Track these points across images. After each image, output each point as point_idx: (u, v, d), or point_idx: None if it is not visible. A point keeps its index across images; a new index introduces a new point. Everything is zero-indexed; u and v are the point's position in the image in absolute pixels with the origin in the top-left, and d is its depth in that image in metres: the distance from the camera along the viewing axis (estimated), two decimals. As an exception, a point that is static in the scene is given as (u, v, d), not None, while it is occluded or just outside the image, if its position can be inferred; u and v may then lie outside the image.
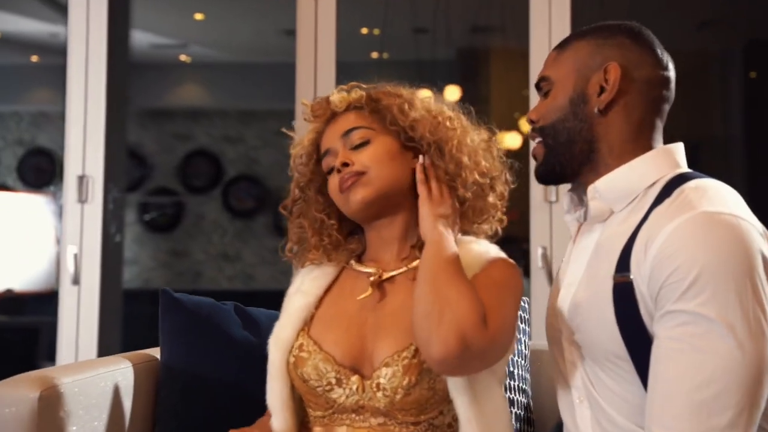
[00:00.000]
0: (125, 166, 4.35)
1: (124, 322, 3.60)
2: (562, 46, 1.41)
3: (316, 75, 3.13)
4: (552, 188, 2.92)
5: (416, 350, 1.34)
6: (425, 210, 1.41)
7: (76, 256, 3.04)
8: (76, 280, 3.02)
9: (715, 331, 1.11)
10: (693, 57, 1.32)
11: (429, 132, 1.46)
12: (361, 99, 1.49)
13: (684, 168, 1.32)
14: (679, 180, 1.27)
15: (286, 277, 1.75)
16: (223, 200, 6.71)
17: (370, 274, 1.47)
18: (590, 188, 1.32)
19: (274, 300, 1.60)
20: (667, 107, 1.37)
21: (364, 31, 5.09)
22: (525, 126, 4.44)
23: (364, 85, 1.53)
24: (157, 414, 1.71)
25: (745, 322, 1.11)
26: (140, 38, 5.58)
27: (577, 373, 1.34)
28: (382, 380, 1.36)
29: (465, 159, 1.46)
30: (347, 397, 1.38)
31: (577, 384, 1.34)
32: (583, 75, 1.35)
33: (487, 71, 5.14)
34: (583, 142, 1.34)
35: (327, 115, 1.53)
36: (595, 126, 1.33)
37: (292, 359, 1.43)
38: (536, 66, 3.05)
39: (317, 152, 1.53)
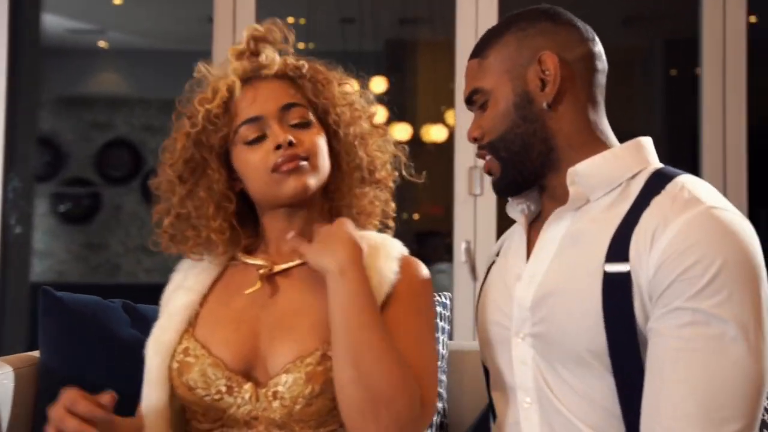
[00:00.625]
0: (33, 154, 4.15)
1: (32, 318, 3.44)
2: (481, 52, 1.32)
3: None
4: (476, 180, 2.89)
5: (322, 356, 1.22)
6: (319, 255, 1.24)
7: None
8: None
9: (729, 334, 1.06)
10: (616, 53, 1.31)
11: (356, 130, 1.36)
12: (301, 69, 1.33)
13: (658, 162, 1.27)
14: (663, 174, 1.22)
15: None
16: (142, 191, 6.51)
17: (259, 267, 1.32)
18: (570, 171, 1.23)
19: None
20: (603, 80, 1.31)
21: (290, 20, 5.00)
22: (450, 118, 4.42)
23: (289, 44, 1.38)
24: (34, 422, 1.57)
25: (758, 327, 1.08)
26: (55, 22, 5.37)
27: (528, 372, 1.25)
28: (280, 388, 1.22)
29: (369, 154, 1.38)
30: (239, 407, 1.23)
31: (527, 385, 1.25)
32: (518, 74, 1.27)
33: (414, 63, 5.11)
34: (539, 143, 1.26)
35: (248, 71, 1.34)
36: (547, 123, 1.26)
37: (175, 365, 1.27)
38: (462, 58, 3.01)
39: (229, 113, 1.33)
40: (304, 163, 1.28)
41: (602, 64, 1.30)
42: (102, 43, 6.15)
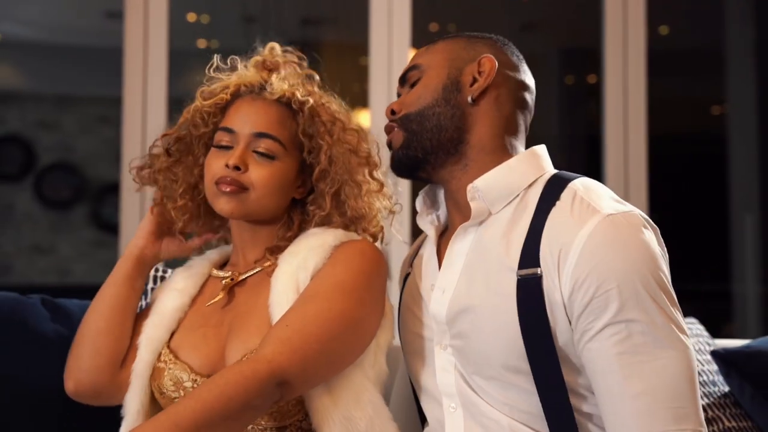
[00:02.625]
0: None
1: None
2: (432, 42, 1.41)
3: (146, 61, 3.00)
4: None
5: None
6: None
7: None
8: None
9: (663, 333, 1.15)
10: None
11: (347, 173, 1.40)
12: (303, 105, 1.39)
13: (552, 168, 1.34)
14: (558, 179, 1.28)
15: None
16: (35, 189, 6.29)
17: (223, 278, 1.42)
18: (469, 188, 1.29)
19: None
20: (529, 117, 1.39)
21: (192, 17, 4.93)
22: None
23: (302, 70, 1.45)
24: None
25: (676, 314, 1.18)
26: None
27: (450, 379, 1.30)
28: None
29: (366, 202, 1.44)
30: None
31: (451, 391, 1.30)
32: (457, 65, 1.34)
33: (317, 64, 5.12)
34: (453, 129, 1.32)
35: (254, 83, 1.41)
36: (466, 115, 1.32)
37: (149, 372, 1.38)
38: (377, 59, 3.06)
39: (221, 114, 1.42)
40: (241, 191, 1.35)
41: (531, 98, 1.39)
42: (-7, 35, 5.93)
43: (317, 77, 1.48)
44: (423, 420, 1.44)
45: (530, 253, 1.21)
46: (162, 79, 3.02)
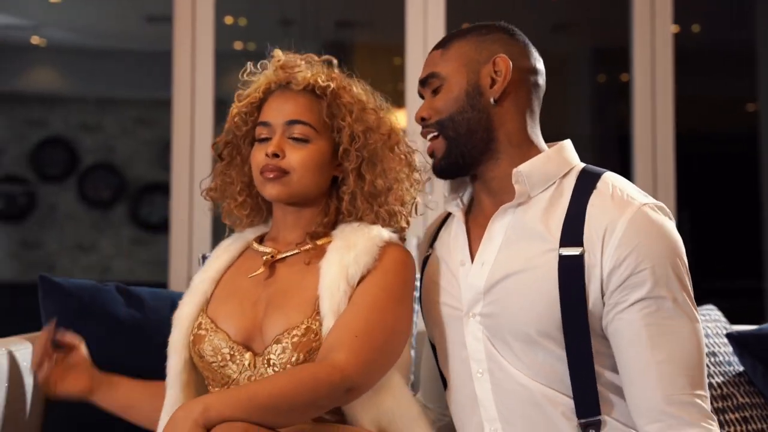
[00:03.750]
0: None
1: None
2: (444, 45, 1.49)
3: (194, 64, 3.13)
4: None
5: (306, 329, 1.40)
6: None
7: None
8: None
9: (684, 310, 1.33)
10: (548, 58, 1.48)
11: (369, 148, 1.51)
12: (326, 89, 1.50)
13: (580, 162, 1.48)
14: (589, 172, 1.44)
15: (143, 268, 1.77)
16: (78, 189, 6.48)
17: (264, 254, 1.52)
18: (515, 172, 1.42)
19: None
20: (541, 95, 1.50)
21: (229, 20, 5.05)
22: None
23: (318, 59, 1.54)
24: (43, 396, 1.72)
25: (693, 301, 1.36)
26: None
27: (480, 346, 1.44)
28: (272, 356, 1.40)
29: (389, 179, 1.52)
30: (240, 372, 1.42)
31: (479, 357, 1.44)
32: (473, 69, 1.45)
33: (352, 66, 5.21)
34: (482, 131, 1.44)
35: (281, 80, 1.52)
36: (492, 116, 1.44)
37: (191, 337, 1.49)
38: (413, 59, 3.16)
39: (258, 112, 1.54)
40: (283, 175, 1.46)
41: (542, 81, 1.50)
42: (36, 40, 6.10)
43: (335, 61, 1.59)
44: (446, 386, 1.56)
45: (573, 233, 1.36)
46: (209, 80, 3.14)
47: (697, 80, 3.98)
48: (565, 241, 1.36)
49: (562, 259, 1.36)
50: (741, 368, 1.88)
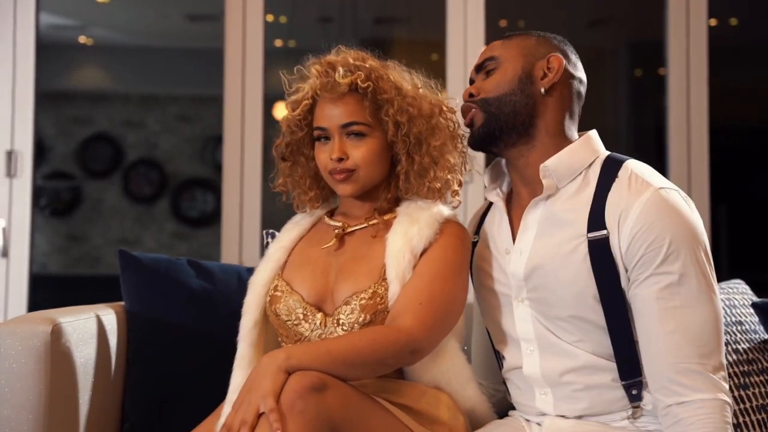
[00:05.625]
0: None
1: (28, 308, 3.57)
2: (507, 37, 1.62)
3: (244, 61, 3.24)
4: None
5: (373, 293, 1.55)
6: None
7: (4, 230, 3.10)
8: (4, 253, 3.06)
9: (697, 286, 1.43)
10: (585, 53, 1.59)
11: (414, 133, 1.62)
12: (367, 89, 1.60)
13: (605, 150, 1.59)
14: (613, 160, 1.55)
15: None
16: (123, 185, 6.63)
17: (336, 228, 1.68)
18: (542, 168, 1.54)
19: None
20: (582, 103, 1.63)
21: (270, 17, 5.14)
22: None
23: (360, 59, 1.64)
24: (128, 354, 1.95)
25: (707, 276, 1.45)
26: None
27: (529, 327, 1.56)
28: (342, 317, 1.55)
29: (437, 155, 1.65)
30: (312, 331, 1.58)
31: (529, 337, 1.57)
32: (529, 60, 1.57)
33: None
34: (526, 115, 1.55)
35: (325, 86, 1.62)
36: (537, 104, 1.56)
37: (268, 298, 1.66)
38: (453, 55, 3.24)
39: (311, 115, 1.67)
40: (351, 174, 1.62)
41: (584, 91, 1.62)
42: (83, 39, 6.25)
43: (367, 53, 1.69)
44: (499, 361, 1.70)
45: (597, 219, 1.47)
46: (258, 77, 3.25)
47: (734, 74, 3.99)
48: (591, 227, 1.47)
49: (591, 242, 1.47)
50: (766, 336, 1.98)
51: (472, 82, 1.65)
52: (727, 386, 1.42)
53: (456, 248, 1.60)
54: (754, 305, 2.00)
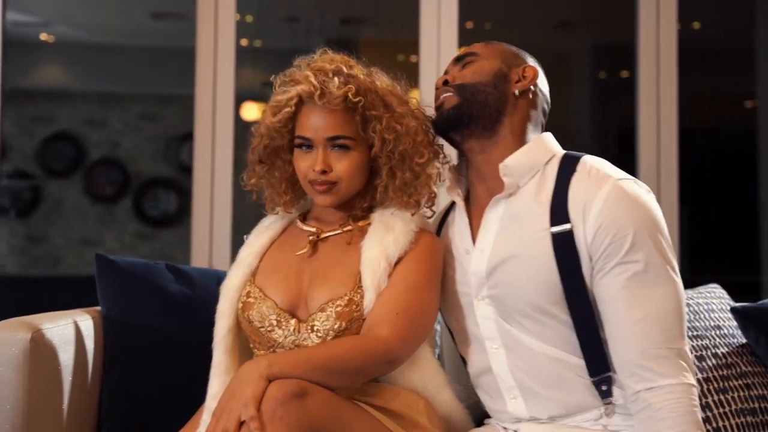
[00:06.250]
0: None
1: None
2: (489, 42, 1.69)
3: (215, 60, 3.22)
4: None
5: (349, 300, 1.55)
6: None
7: None
8: None
9: (661, 272, 1.47)
10: (549, 55, 1.68)
11: (399, 151, 1.62)
12: (358, 103, 1.58)
13: (561, 149, 1.64)
14: (570, 156, 1.61)
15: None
16: (84, 184, 6.53)
17: (310, 233, 1.67)
18: (501, 167, 1.58)
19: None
20: (545, 120, 1.69)
21: (236, 17, 5.10)
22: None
23: (348, 66, 1.62)
24: (105, 360, 1.93)
25: (669, 263, 1.49)
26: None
27: (492, 325, 1.59)
28: (316, 323, 1.55)
29: (419, 170, 1.64)
30: (285, 337, 1.57)
31: (492, 335, 1.59)
32: (507, 63, 1.64)
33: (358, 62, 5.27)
34: (495, 109, 1.60)
35: (313, 94, 1.58)
36: (508, 103, 1.61)
37: (240, 304, 1.64)
38: (426, 55, 3.27)
39: (292, 122, 1.63)
40: (332, 186, 1.61)
41: (548, 110, 1.70)
42: (44, 36, 6.15)
43: (352, 57, 1.69)
44: (464, 362, 1.72)
45: (559, 213, 1.52)
46: (230, 76, 3.23)
47: (698, 77, 4.06)
48: (554, 221, 1.51)
49: (554, 236, 1.51)
50: (744, 340, 2.02)
51: (446, 74, 1.69)
52: (692, 365, 1.47)
53: (430, 259, 1.62)
54: (732, 310, 2.03)
